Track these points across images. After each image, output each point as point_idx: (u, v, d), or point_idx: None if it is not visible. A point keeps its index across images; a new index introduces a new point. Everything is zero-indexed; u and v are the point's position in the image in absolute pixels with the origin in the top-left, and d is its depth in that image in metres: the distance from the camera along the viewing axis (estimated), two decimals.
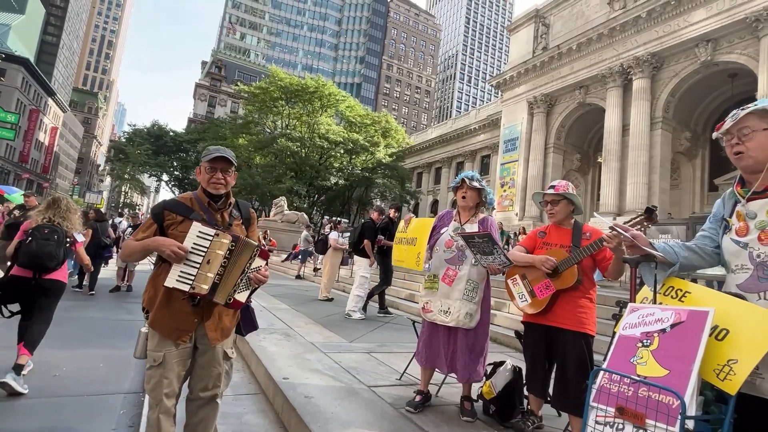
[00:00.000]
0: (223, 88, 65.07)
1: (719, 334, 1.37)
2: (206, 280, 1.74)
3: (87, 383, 3.37)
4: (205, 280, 1.74)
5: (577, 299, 2.30)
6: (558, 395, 2.27)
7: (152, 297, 1.87)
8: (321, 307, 7.15)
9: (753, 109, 1.42)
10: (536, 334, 2.41)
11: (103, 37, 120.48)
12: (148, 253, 1.88)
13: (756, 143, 1.40)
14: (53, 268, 3.38)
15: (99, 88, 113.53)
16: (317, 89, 31.12)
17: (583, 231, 2.41)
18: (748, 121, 1.41)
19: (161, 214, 1.88)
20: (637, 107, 19.50)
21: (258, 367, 3.40)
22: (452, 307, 2.54)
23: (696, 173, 21.72)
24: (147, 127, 38.97)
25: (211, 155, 1.90)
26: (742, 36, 16.57)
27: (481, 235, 2.29)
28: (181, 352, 1.84)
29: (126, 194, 58.78)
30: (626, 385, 1.41)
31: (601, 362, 2.45)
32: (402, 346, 4.49)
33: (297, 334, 4.63)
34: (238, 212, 2.01)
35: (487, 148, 33.06)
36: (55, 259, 3.35)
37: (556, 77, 23.87)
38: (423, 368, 2.75)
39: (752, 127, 1.40)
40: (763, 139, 1.39)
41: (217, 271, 1.75)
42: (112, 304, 7.02)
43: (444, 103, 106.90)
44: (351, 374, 3.24)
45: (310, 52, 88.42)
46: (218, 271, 1.76)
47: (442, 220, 2.85)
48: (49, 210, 3.50)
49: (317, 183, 30.74)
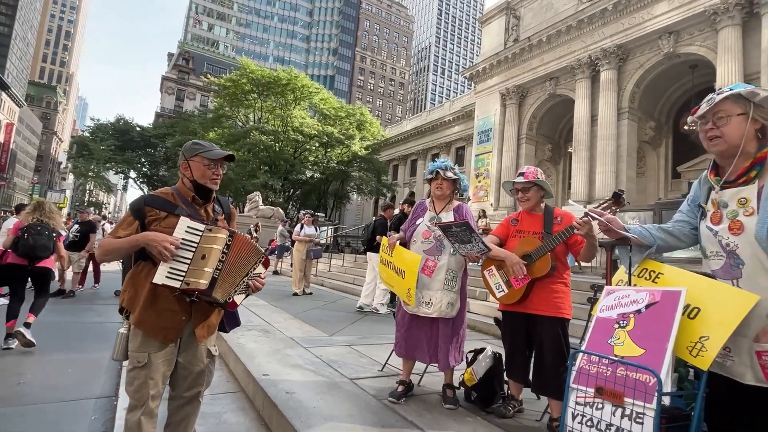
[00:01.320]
0: (192, 81, 63.01)
1: (691, 313, 1.41)
2: (203, 275, 1.69)
3: (55, 390, 3.22)
4: (203, 275, 1.69)
5: (553, 285, 2.34)
6: (537, 379, 2.32)
7: (133, 297, 1.79)
8: (300, 302, 7.08)
9: (728, 93, 1.43)
10: (514, 321, 2.45)
11: (60, 28, 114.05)
12: (133, 251, 1.79)
13: (730, 128, 1.40)
14: (45, 257, 4.28)
15: (57, 82, 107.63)
16: (290, 81, 30.49)
17: (554, 216, 2.45)
18: (724, 105, 1.41)
19: (142, 210, 1.79)
20: (605, 98, 20.07)
21: (236, 364, 3.33)
22: (434, 297, 2.54)
23: (660, 161, 22.60)
24: (111, 122, 37.31)
25: (214, 151, 1.88)
26: (701, 29, 17.24)
27: (458, 224, 2.30)
28: (167, 351, 1.78)
29: (91, 192, 56.31)
30: (605, 366, 1.44)
31: (577, 345, 2.53)
32: (383, 337, 4.50)
33: (276, 329, 4.56)
34: (220, 207, 1.98)
35: (462, 139, 33.37)
36: (48, 249, 4.26)
37: (527, 69, 24.24)
38: (404, 359, 2.75)
39: (727, 112, 1.41)
40: (737, 124, 1.39)
41: (215, 266, 1.71)
42: (79, 306, 6.73)
43: (418, 95, 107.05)
44: (332, 368, 3.22)
45: (282, 44, 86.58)
46: (216, 265, 1.71)
47: (416, 211, 2.84)
48: (36, 211, 4.40)
49: (292, 177, 30.28)
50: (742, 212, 1.36)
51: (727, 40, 16.07)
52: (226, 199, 2.12)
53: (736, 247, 1.35)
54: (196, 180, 1.86)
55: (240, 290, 1.81)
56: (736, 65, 15.84)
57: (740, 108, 1.39)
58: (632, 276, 1.66)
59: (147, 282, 1.74)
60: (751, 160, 1.39)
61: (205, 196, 1.90)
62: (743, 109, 1.38)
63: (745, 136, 1.38)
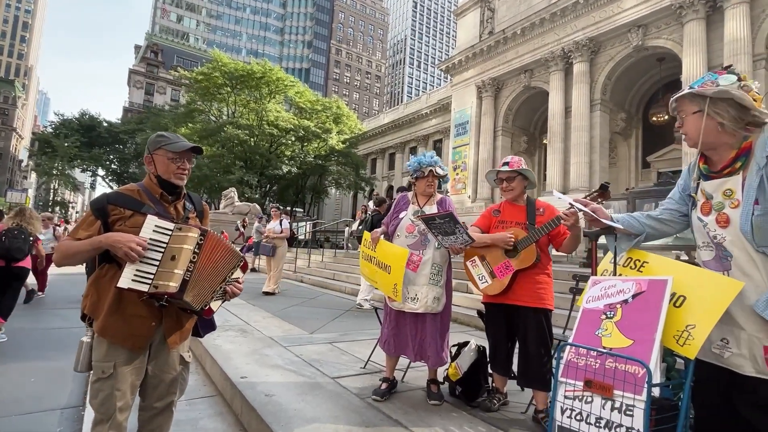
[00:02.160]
0: (161, 74, 60.88)
1: (677, 301, 1.40)
2: (173, 277, 1.56)
3: (17, 402, 3.02)
4: (172, 277, 1.56)
5: (536, 276, 2.32)
6: (522, 372, 2.31)
7: (96, 302, 1.65)
8: (279, 299, 6.94)
9: (683, 93, 1.45)
10: (497, 313, 2.42)
11: (17, 18, 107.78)
12: (96, 254, 1.64)
13: (687, 126, 1.44)
14: (20, 259, 4.74)
15: (15, 75, 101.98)
16: (264, 74, 29.79)
17: (536, 207, 2.43)
18: (682, 105, 1.45)
19: (104, 209, 1.64)
20: (578, 90, 20.48)
21: (213, 367, 3.20)
22: (419, 293, 2.48)
23: (631, 152, 23.28)
24: (76, 117, 35.66)
25: (177, 143, 1.73)
26: (668, 22, 17.75)
27: (442, 216, 2.23)
28: (135, 360, 1.65)
29: (56, 191, 53.86)
30: (593, 358, 1.41)
31: (561, 336, 2.53)
32: (364, 333, 4.44)
33: (254, 329, 4.43)
34: (191, 204, 1.84)
35: (439, 132, 33.49)
36: (22, 252, 4.73)
37: (502, 61, 24.46)
38: (388, 356, 2.69)
39: (685, 111, 1.43)
40: (693, 121, 1.41)
41: (186, 267, 1.58)
42: (41, 311, 6.39)
43: (395, 88, 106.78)
44: (314, 367, 3.13)
45: (255, 36, 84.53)
46: (187, 266, 1.58)
47: (399, 205, 2.76)
48: (17, 217, 4.97)
49: (269, 172, 29.73)
50: (728, 204, 1.35)
51: (692, 34, 16.61)
52: (197, 195, 1.98)
53: (723, 240, 1.34)
54: (160, 175, 1.73)
55: (217, 296, 1.69)
56: (700, 58, 16.38)
57: (695, 106, 1.40)
58: (617, 266, 1.64)
59: (111, 286, 1.60)
60: (735, 151, 1.37)
61: (174, 192, 1.77)
62: (699, 106, 1.39)
63: (703, 133, 1.38)
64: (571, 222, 1.98)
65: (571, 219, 1.97)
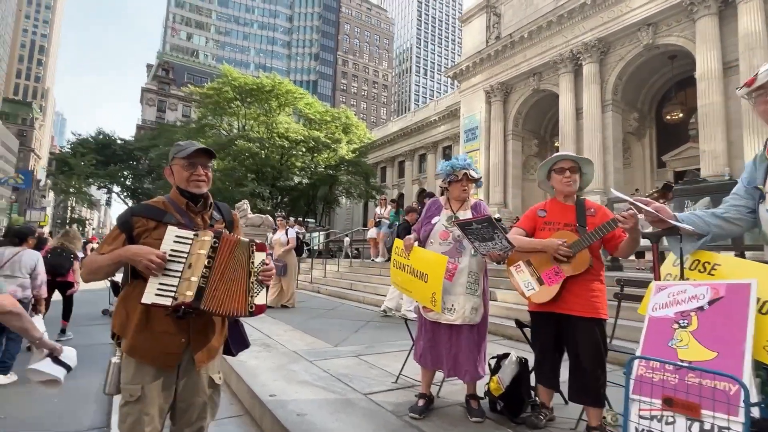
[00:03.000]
0: (173, 91, 62.02)
1: (763, 307, 1.26)
2: (190, 285, 1.47)
3: (41, 423, 2.97)
4: (189, 286, 1.47)
5: (589, 283, 2.14)
6: (575, 387, 2.12)
7: (125, 320, 1.58)
8: (299, 312, 6.84)
9: None
10: (545, 323, 2.24)
11: (34, 42, 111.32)
12: (118, 268, 1.58)
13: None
14: (63, 274, 5.55)
15: (33, 98, 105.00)
16: (274, 87, 30.15)
17: (586, 207, 2.24)
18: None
19: (128, 222, 1.59)
20: (589, 91, 20.25)
21: (239, 384, 3.10)
22: (456, 303, 2.35)
23: (645, 152, 22.86)
24: (92, 136, 36.45)
25: (186, 149, 1.65)
26: (678, 19, 17.49)
27: (479, 220, 2.10)
28: (164, 381, 1.57)
29: (73, 209, 54.91)
30: (670, 373, 1.28)
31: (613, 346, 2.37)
32: (390, 345, 4.31)
33: (277, 343, 4.34)
34: (219, 214, 1.77)
35: (448, 138, 33.39)
36: (64, 268, 5.54)
37: (510, 65, 24.36)
38: (424, 369, 2.56)
39: None
40: None
41: (201, 273, 1.49)
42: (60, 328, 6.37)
43: (402, 96, 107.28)
44: (343, 382, 3.02)
45: (263, 51, 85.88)
46: (202, 272, 1.49)
47: (430, 210, 2.63)
48: (62, 237, 5.91)
49: (280, 184, 29.91)
50: None
51: (705, 30, 16.33)
52: (226, 205, 1.89)
53: None
54: (179, 185, 1.66)
55: (256, 292, 1.60)
56: (714, 54, 16.09)
57: None
58: (684, 269, 1.51)
59: (139, 302, 1.53)
60: None
61: (199, 201, 1.69)
62: None
63: None
64: (630, 225, 1.83)
65: (630, 222, 1.80)
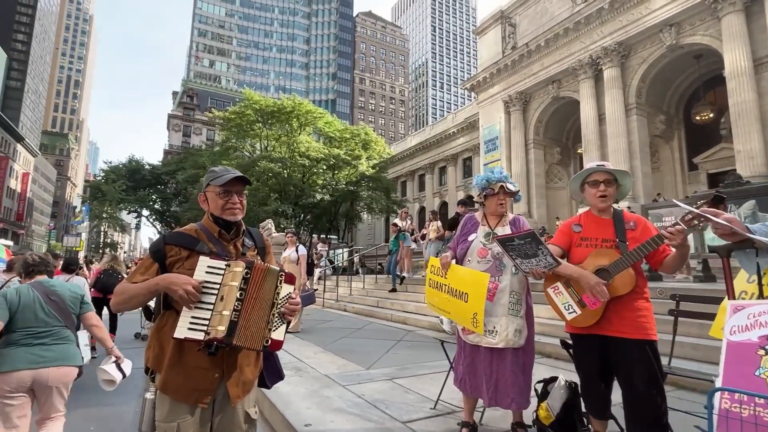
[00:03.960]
0: (197, 116, 64.33)
1: None
2: (222, 320, 1.41)
3: None
4: (221, 320, 1.41)
5: (634, 302, 1.97)
6: (633, 418, 1.91)
7: (159, 354, 1.53)
8: (327, 332, 6.76)
9: None
10: (589, 346, 2.07)
11: (69, 78, 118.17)
12: (152, 297, 1.54)
13: None
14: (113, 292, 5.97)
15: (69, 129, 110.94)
16: (294, 108, 30.87)
17: (625, 220, 2.08)
18: None
19: (161, 251, 1.55)
20: (611, 96, 19.81)
21: (272, 413, 3.03)
22: (498, 325, 2.22)
23: (674, 154, 22.08)
24: (123, 163, 38.07)
25: (222, 176, 1.62)
26: (702, 18, 17.02)
27: (522, 236, 1.97)
28: (199, 418, 1.51)
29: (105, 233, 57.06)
30: (761, 407, 1.13)
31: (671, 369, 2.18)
32: (424, 366, 4.16)
33: (308, 366, 4.26)
34: (251, 241, 1.72)
35: (468, 150, 33.22)
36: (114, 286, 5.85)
37: (528, 74, 24.16)
38: (466, 396, 2.42)
39: None
40: None
41: (233, 306, 1.43)
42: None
43: (419, 111, 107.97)
44: (379, 409, 2.90)
45: (282, 73, 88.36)
46: (234, 306, 1.43)
47: (466, 227, 2.51)
48: (111, 261, 6.98)
49: (302, 202, 30.30)
50: None
51: (732, 27, 15.82)
52: (258, 231, 1.84)
53: None
54: (213, 213, 1.62)
55: (276, 324, 1.51)
56: (743, 51, 15.55)
57: None
58: (763, 286, 1.36)
59: (172, 335, 1.48)
60: None
61: (232, 229, 1.65)
62: None
63: None
64: (678, 240, 1.69)
65: (678, 238, 1.67)
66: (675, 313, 2.54)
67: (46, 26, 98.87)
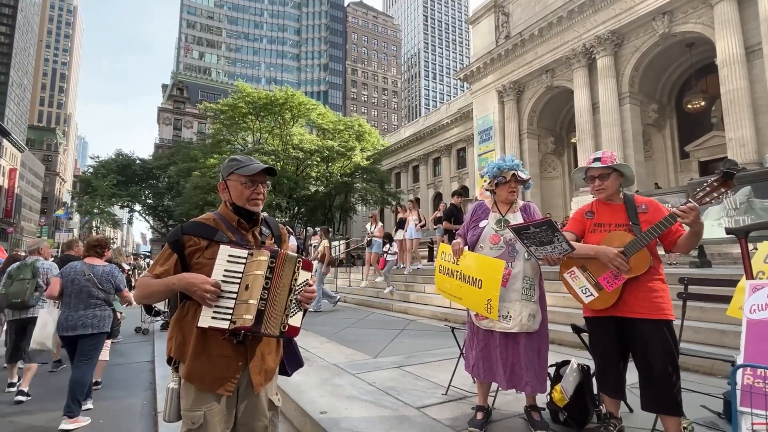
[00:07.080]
0: (188, 109, 63.48)
1: None
2: (249, 309, 1.43)
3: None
4: (248, 310, 1.43)
5: (650, 282, 2.02)
6: (649, 395, 1.98)
7: (181, 344, 1.54)
8: (330, 322, 6.81)
9: None
10: (606, 328, 2.12)
11: (55, 71, 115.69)
12: (171, 295, 1.56)
13: None
14: None
15: (56, 123, 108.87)
16: (287, 100, 30.55)
17: (637, 203, 2.13)
18: None
19: (180, 241, 1.55)
20: (604, 85, 19.89)
21: (285, 401, 3.05)
22: (512, 310, 2.25)
23: (667, 143, 22.29)
24: (113, 158, 37.55)
25: (248, 165, 1.62)
26: (695, 6, 17.08)
27: (538, 224, 2.00)
28: (225, 406, 1.53)
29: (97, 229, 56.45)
30: None
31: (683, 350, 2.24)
32: (430, 354, 4.22)
33: (315, 356, 4.30)
34: (268, 230, 1.72)
35: (462, 141, 33.23)
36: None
37: (521, 64, 24.13)
38: (480, 382, 2.46)
39: None
40: None
41: (259, 295, 1.44)
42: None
43: (412, 101, 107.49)
44: (392, 396, 2.94)
45: (273, 65, 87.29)
46: (261, 294, 1.45)
47: (476, 213, 2.55)
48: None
49: (297, 194, 30.17)
50: None
51: (724, 15, 15.90)
52: (274, 219, 1.84)
53: None
54: (235, 202, 1.62)
55: (293, 311, 1.54)
56: (735, 38, 15.66)
57: None
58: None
59: (195, 325, 1.49)
60: None
61: (252, 219, 1.66)
62: None
63: None
64: (690, 219, 1.73)
65: (690, 215, 1.72)
66: (684, 297, 2.60)
67: (29, 17, 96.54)
